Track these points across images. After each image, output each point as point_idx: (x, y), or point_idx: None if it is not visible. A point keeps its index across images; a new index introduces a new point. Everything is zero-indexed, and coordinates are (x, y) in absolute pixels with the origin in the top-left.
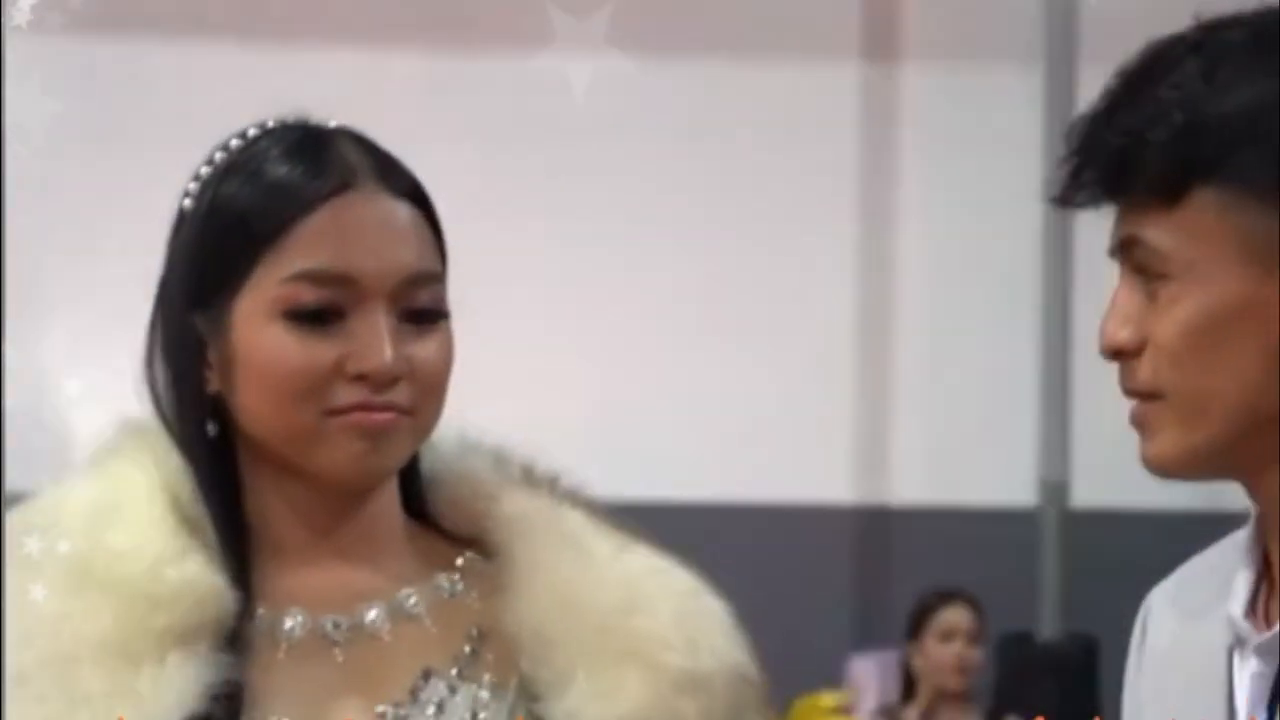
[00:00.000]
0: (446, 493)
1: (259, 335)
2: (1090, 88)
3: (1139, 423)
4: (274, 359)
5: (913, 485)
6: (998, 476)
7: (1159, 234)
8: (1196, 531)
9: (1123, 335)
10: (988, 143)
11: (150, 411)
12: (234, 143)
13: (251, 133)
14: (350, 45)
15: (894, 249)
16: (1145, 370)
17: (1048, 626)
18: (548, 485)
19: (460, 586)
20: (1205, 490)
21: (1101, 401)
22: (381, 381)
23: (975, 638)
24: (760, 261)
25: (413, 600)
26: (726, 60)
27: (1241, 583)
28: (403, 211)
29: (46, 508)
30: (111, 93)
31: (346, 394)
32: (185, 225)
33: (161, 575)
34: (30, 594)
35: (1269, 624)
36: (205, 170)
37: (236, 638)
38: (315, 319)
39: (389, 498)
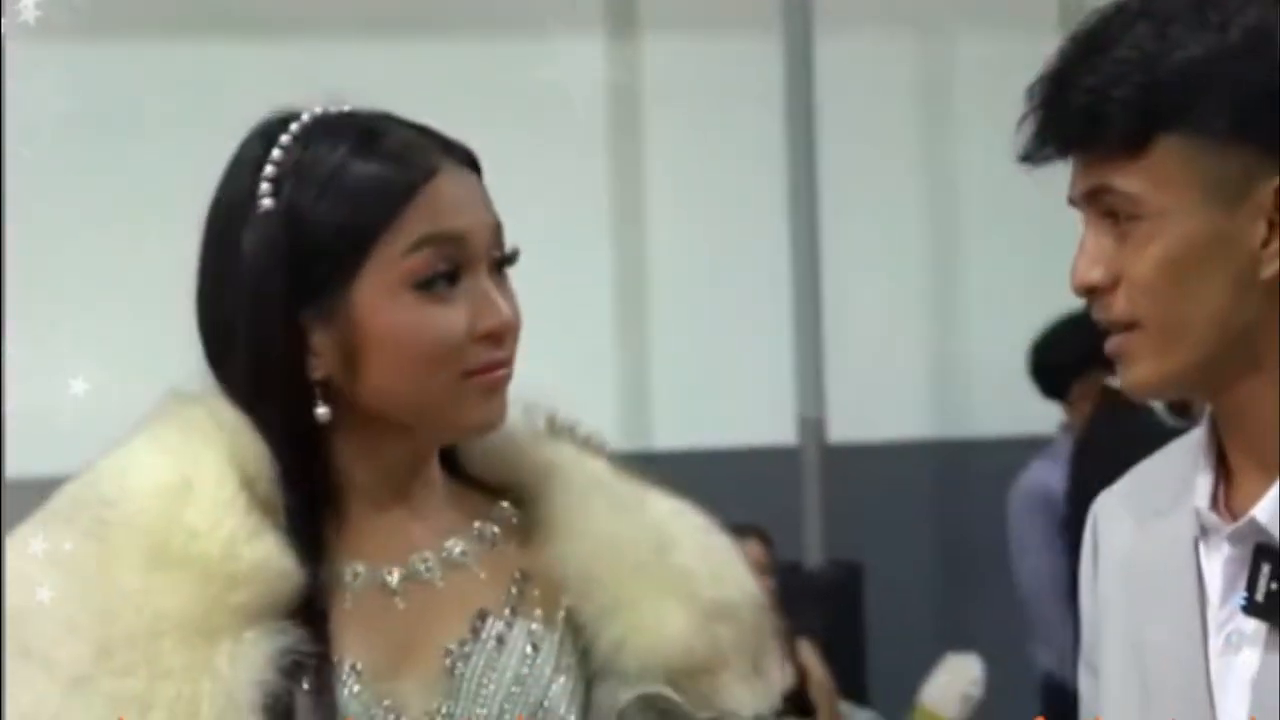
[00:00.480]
0: (479, 444)
1: (391, 311)
2: (826, 54)
3: (1118, 352)
4: (414, 330)
5: (676, 430)
6: (758, 417)
7: (1129, 181)
8: (942, 459)
9: (1095, 274)
10: (732, 105)
11: (223, 399)
12: (284, 138)
13: (295, 127)
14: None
15: (645, 208)
16: (1121, 303)
17: (813, 556)
18: (569, 435)
19: (499, 533)
20: (946, 421)
21: (850, 340)
22: (504, 336)
23: (766, 569)
24: (517, 218)
25: (460, 549)
26: (476, 36)
27: (1203, 482)
28: (471, 178)
29: (113, 480)
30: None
31: (478, 354)
32: (268, 225)
33: (237, 554)
34: (109, 567)
35: (1232, 516)
36: (271, 170)
37: (309, 605)
38: (440, 285)
39: (435, 454)
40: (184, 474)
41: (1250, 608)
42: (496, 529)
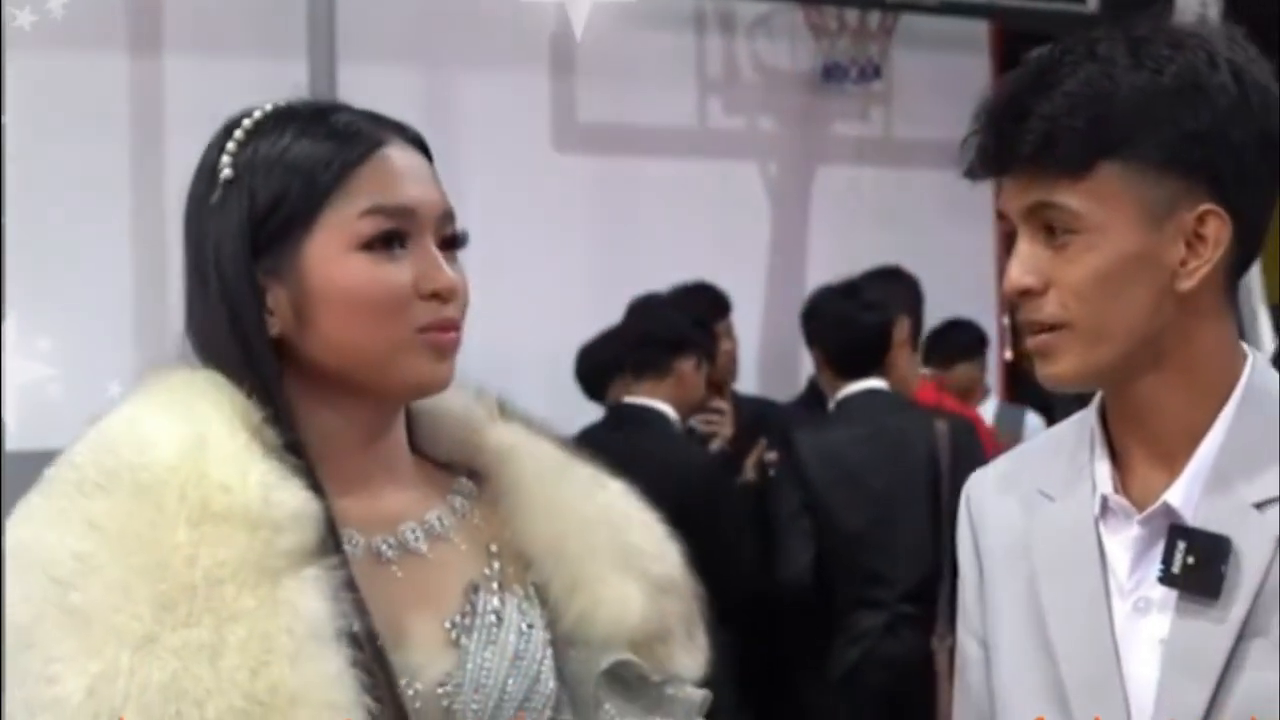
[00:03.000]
0: (433, 424)
1: (341, 267)
2: (348, 83)
3: (1043, 349)
4: (361, 284)
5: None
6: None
7: (1072, 199)
8: None
9: (1028, 280)
10: None
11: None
12: (246, 121)
13: (257, 114)
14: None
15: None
16: (1052, 306)
17: None
18: (519, 419)
19: (467, 504)
20: None
21: None
22: (449, 297)
23: None
24: (51, 210)
25: (439, 520)
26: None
27: (1103, 469)
28: (418, 156)
29: (132, 444)
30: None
31: (425, 312)
32: (231, 188)
33: (275, 501)
34: (155, 526)
35: (1129, 498)
36: (233, 144)
37: (336, 551)
38: (386, 246)
39: (401, 426)
40: (197, 430)
41: (1166, 579)
42: (464, 500)
